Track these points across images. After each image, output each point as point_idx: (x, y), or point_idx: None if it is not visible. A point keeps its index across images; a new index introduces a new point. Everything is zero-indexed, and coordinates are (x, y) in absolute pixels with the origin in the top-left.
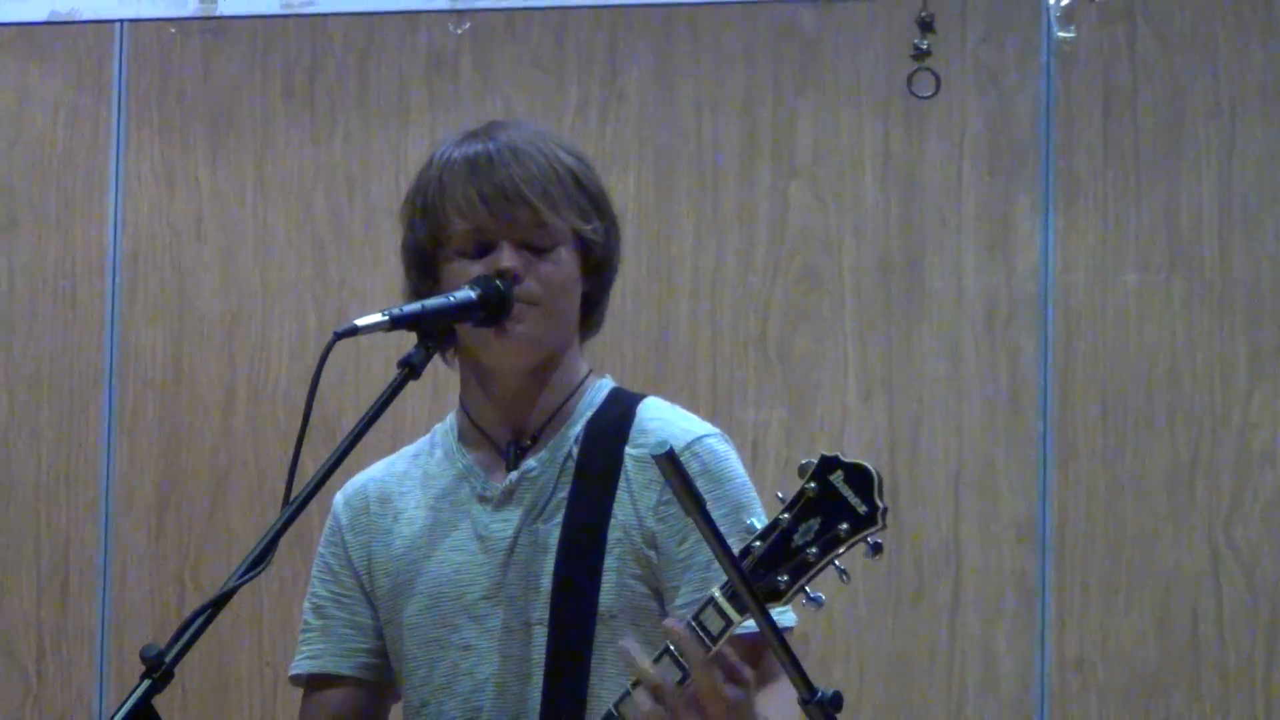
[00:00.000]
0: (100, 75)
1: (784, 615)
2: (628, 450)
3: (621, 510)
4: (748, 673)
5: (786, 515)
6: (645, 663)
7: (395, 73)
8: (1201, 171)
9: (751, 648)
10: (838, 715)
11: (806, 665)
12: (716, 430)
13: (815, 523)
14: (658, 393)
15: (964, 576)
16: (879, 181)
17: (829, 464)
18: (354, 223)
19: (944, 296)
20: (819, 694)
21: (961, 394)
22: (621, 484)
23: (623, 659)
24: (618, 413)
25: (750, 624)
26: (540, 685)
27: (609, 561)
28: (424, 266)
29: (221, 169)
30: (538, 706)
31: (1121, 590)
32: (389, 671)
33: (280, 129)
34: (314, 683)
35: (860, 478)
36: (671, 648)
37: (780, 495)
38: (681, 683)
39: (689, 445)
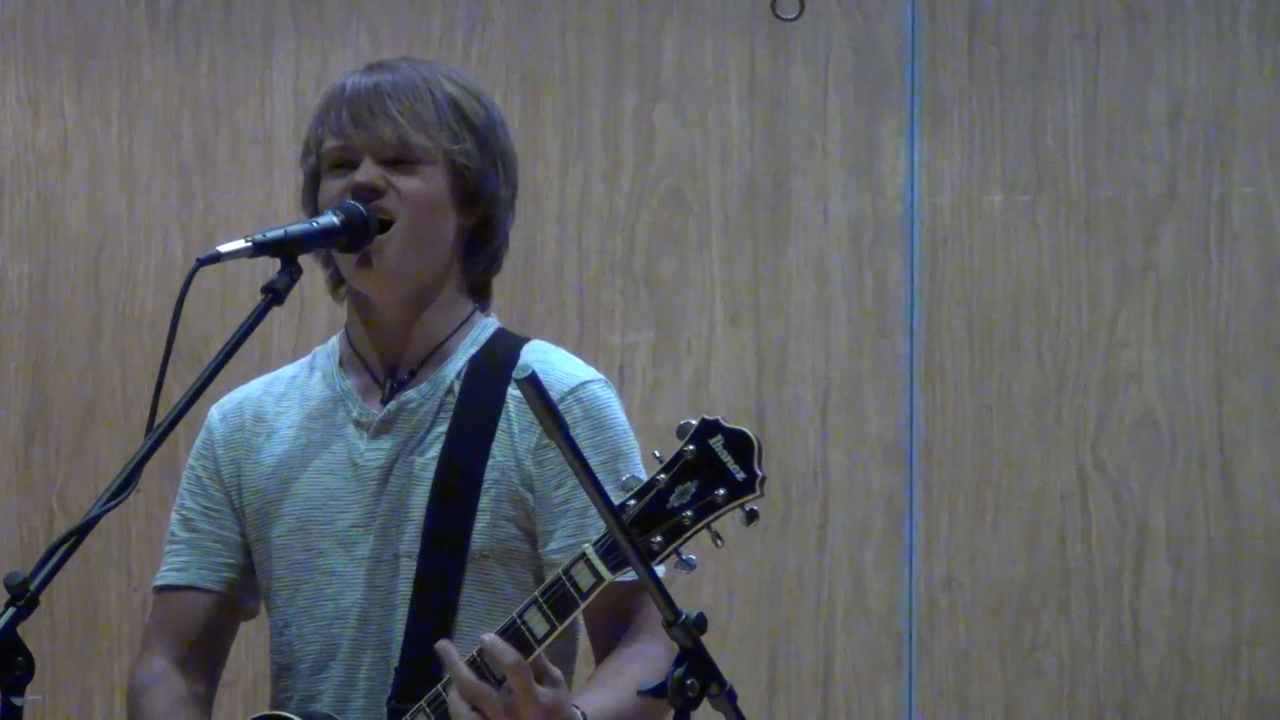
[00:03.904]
0: None
1: None
2: (510, 392)
3: (500, 450)
4: (557, 673)
5: (664, 476)
6: (462, 669)
7: (260, 0)
8: (1067, 93)
9: (618, 596)
10: (702, 637)
11: (672, 589)
12: (601, 376)
13: (692, 486)
14: (525, 316)
15: (832, 498)
16: (744, 104)
17: (709, 428)
18: (219, 151)
19: (810, 219)
20: (683, 616)
21: (828, 316)
22: (502, 424)
23: (441, 657)
24: (502, 353)
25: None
26: (405, 618)
27: (484, 501)
28: (312, 192)
29: (87, 97)
30: (400, 638)
31: (989, 510)
32: (251, 588)
33: (145, 57)
34: (173, 590)
35: (740, 444)
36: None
37: (657, 454)
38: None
39: (572, 390)
